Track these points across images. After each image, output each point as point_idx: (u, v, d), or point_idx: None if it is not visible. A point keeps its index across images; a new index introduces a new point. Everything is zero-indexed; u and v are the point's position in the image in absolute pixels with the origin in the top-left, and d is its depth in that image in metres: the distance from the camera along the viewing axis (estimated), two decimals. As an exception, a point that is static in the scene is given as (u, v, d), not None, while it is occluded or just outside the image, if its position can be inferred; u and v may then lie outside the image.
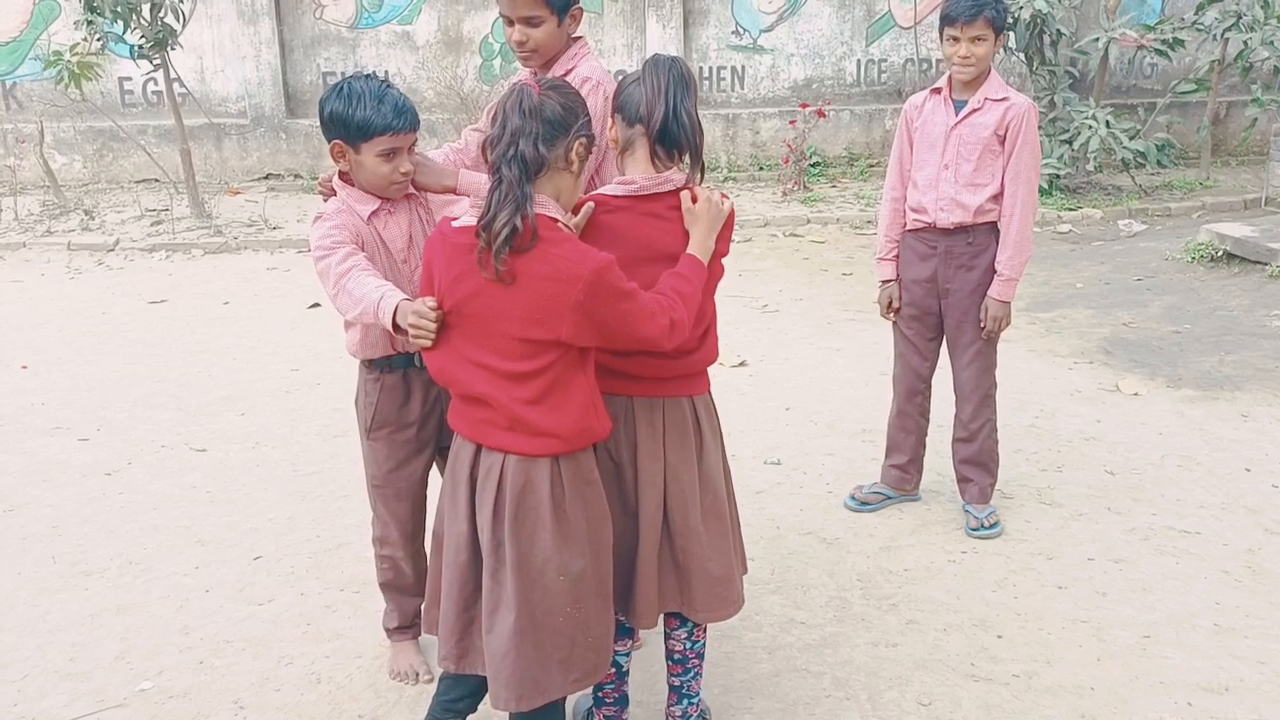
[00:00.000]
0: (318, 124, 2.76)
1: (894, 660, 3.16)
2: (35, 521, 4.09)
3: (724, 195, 2.55)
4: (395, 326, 2.39)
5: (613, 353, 2.40)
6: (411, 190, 2.80)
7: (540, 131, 2.19)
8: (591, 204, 2.44)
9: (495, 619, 2.32)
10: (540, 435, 2.27)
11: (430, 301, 2.28)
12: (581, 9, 2.95)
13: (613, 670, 2.65)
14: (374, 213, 2.73)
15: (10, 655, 3.24)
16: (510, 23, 2.89)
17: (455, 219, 2.31)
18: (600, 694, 2.74)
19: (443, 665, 2.48)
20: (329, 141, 2.69)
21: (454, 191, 2.81)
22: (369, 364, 2.89)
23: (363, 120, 2.61)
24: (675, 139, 2.43)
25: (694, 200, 2.46)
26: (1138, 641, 3.22)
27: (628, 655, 2.76)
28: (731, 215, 2.53)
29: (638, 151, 2.45)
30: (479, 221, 2.17)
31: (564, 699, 2.46)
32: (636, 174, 2.46)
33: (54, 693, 3.06)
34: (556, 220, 2.25)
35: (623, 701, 2.77)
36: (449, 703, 2.57)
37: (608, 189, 2.48)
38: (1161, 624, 3.31)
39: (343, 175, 2.77)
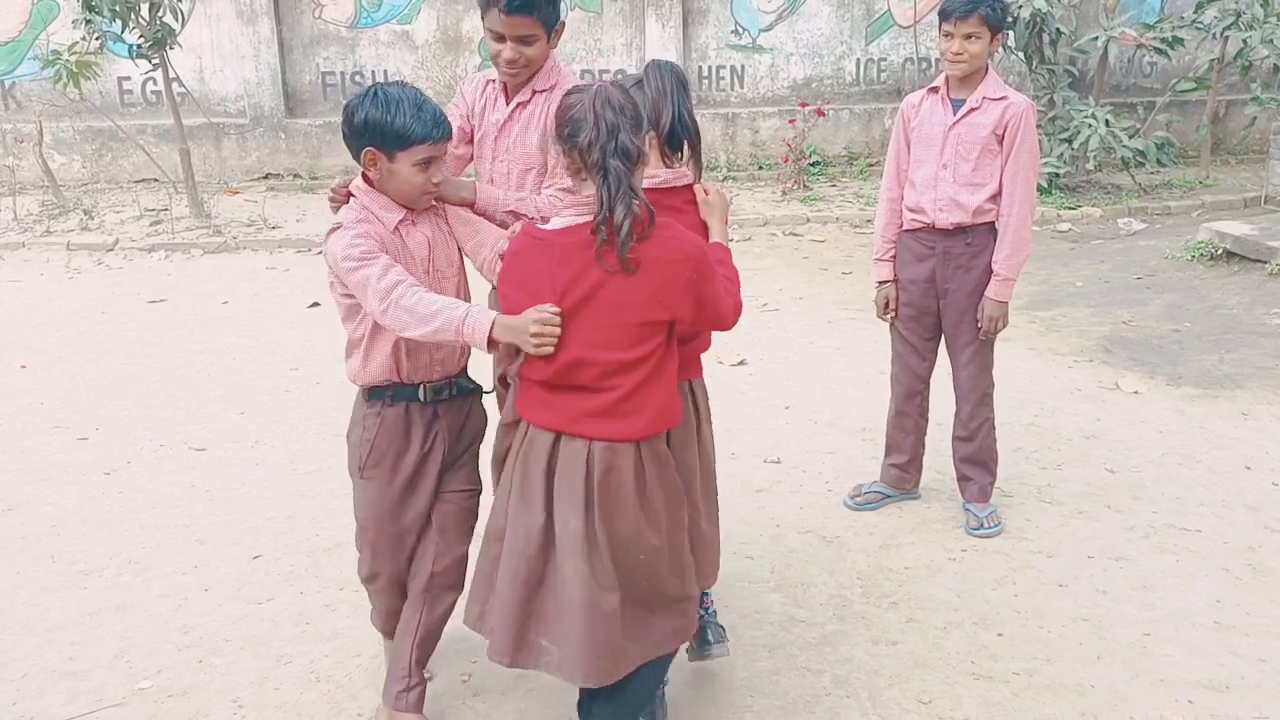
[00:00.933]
0: (317, 124, 2.75)
1: (894, 658, 3.15)
2: (34, 520, 4.08)
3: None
4: (490, 343, 2.40)
5: None
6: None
7: (631, 125, 2.28)
8: None
9: (575, 599, 2.36)
10: (630, 417, 2.35)
11: (551, 307, 2.31)
12: (564, 23, 3.01)
13: None
14: (400, 221, 2.67)
15: (9, 654, 3.23)
16: (500, 39, 2.88)
17: (541, 223, 2.42)
18: None
19: (496, 660, 2.48)
20: (360, 149, 2.60)
21: (471, 205, 2.80)
22: (370, 393, 2.77)
23: (402, 129, 2.53)
24: (679, 139, 2.59)
25: (705, 193, 2.63)
26: (1138, 639, 3.22)
27: None
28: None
29: (649, 153, 2.54)
30: (596, 218, 2.25)
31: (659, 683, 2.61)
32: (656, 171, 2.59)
33: (53, 691, 3.06)
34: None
35: None
36: None
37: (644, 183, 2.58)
38: (1162, 622, 3.31)
39: (366, 180, 2.69)
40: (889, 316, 3.95)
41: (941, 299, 3.81)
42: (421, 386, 2.75)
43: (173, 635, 3.32)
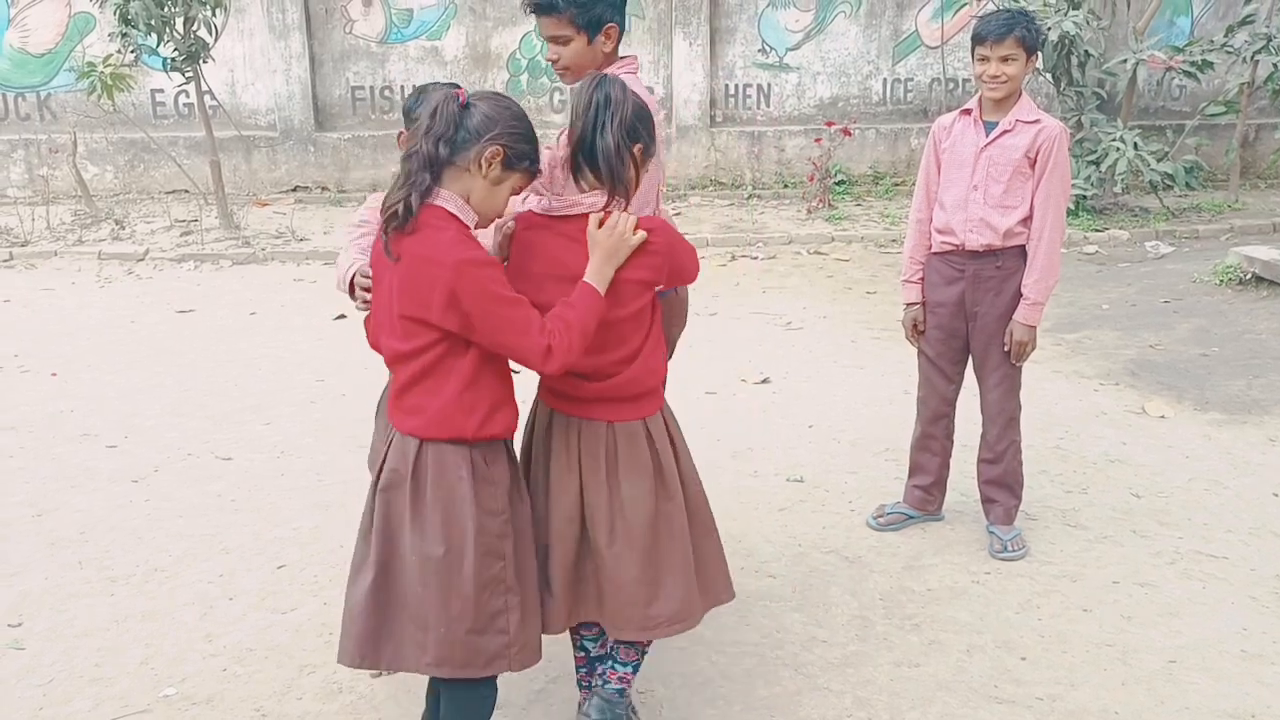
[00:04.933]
0: (346, 137, 2.86)
1: (916, 681, 3.14)
2: (63, 527, 4.13)
3: (655, 221, 2.53)
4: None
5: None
6: None
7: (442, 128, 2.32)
8: (513, 221, 2.53)
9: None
10: (409, 414, 2.42)
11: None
12: (616, 27, 2.96)
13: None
14: None
15: (37, 659, 3.27)
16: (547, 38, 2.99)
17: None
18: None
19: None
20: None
21: None
22: None
23: None
24: (594, 161, 2.42)
25: (601, 224, 2.42)
26: (1163, 666, 3.20)
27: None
28: (660, 243, 2.47)
29: (568, 170, 2.47)
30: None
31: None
32: (564, 193, 2.48)
33: (79, 698, 3.09)
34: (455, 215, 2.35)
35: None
36: None
37: (531, 205, 2.54)
38: (1187, 649, 3.28)
39: None
40: (916, 340, 3.94)
41: (970, 322, 3.80)
42: None
43: (197, 643, 3.35)
